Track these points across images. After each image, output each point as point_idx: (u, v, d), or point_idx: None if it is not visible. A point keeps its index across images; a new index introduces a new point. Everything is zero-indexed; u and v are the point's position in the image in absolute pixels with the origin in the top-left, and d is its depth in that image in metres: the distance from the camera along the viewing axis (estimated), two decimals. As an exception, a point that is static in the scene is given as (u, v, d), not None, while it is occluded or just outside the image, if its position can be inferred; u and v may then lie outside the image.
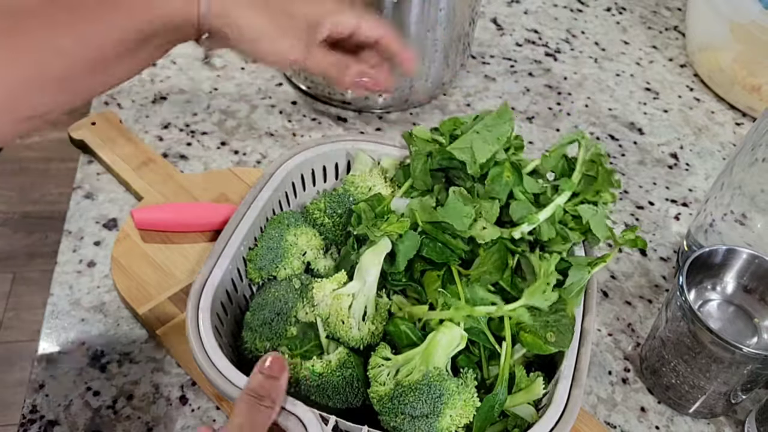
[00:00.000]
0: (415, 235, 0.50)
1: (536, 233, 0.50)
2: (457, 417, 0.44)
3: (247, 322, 0.52)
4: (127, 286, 0.60)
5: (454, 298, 0.47)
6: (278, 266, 0.54)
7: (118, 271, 0.61)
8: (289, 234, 0.55)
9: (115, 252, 0.63)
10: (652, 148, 0.84)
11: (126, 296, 0.59)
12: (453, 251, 0.50)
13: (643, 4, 1.10)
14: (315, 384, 0.47)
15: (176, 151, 0.75)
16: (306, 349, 0.50)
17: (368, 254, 0.49)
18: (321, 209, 0.57)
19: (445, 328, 0.46)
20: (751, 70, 0.86)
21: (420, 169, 0.54)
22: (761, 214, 0.59)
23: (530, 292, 0.47)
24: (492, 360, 0.48)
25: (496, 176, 0.51)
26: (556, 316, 0.47)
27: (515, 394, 0.47)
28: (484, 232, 0.49)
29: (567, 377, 0.46)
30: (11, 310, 1.60)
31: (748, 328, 0.56)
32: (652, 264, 0.70)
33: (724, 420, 0.58)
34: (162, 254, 0.63)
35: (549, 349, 0.47)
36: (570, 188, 0.51)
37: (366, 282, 0.49)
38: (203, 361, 0.45)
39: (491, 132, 0.52)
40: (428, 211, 0.50)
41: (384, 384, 0.46)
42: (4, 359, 1.50)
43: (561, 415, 0.44)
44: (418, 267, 0.51)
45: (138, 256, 0.63)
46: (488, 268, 0.49)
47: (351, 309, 0.49)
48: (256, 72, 0.86)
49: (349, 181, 0.58)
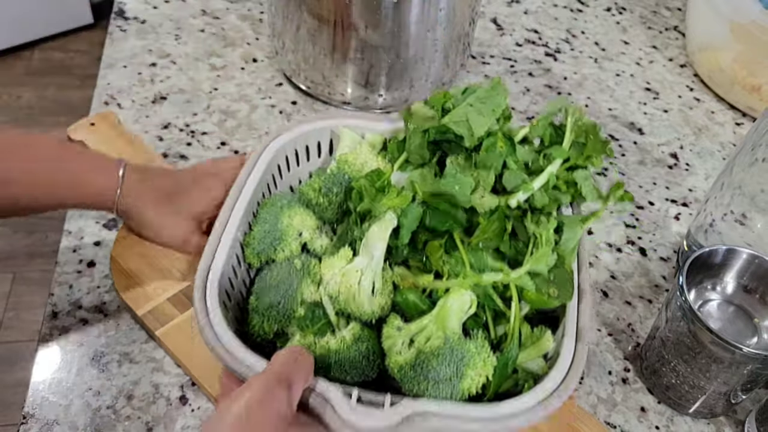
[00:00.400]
0: (418, 208, 0.51)
1: (530, 200, 0.52)
2: (476, 377, 0.46)
3: (252, 306, 0.52)
4: (126, 286, 0.60)
5: (459, 266, 0.49)
6: (276, 248, 0.54)
7: (118, 271, 0.61)
8: (284, 216, 0.55)
9: (114, 252, 0.62)
10: (652, 148, 0.84)
11: (125, 297, 0.59)
12: (455, 219, 0.51)
13: (643, 4, 1.10)
14: (332, 360, 0.48)
15: (176, 151, 0.75)
16: (317, 327, 0.51)
17: (374, 229, 0.50)
18: (316, 189, 0.57)
19: (454, 293, 0.48)
20: (751, 70, 0.86)
21: (417, 144, 0.55)
22: (761, 214, 0.59)
23: (535, 258, 0.49)
24: (497, 320, 0.50)
25: (490, 146, 0.53)
26: (555, 272, 0.49)
27: (526, 349, 0.48)
28: (483, 200, 0.51)
29: (571, 333, 0.47)
30: (11, 310, 1.60)
31: (748, 328, 0.56)
32: (652, 264, 0.70)
33: (724, 420, 0.58)
34: (161, 254, 0.62)
35: (553, 303, 0.49)
36: (562, 156, 0.53)
37: (374, 257, 0.50)
38: (221, 350, 0.45)
39: (485, 104, 0.54)
40: (429, 181, 0.51)
41: (401, 353, 0.47)
42: (4, 359, 1.50)
43: (569, 369, 0.45)
44: (421, 237, 0.52)
45: (137, 256, 0.62)
46: (489, 235, 0.50)
47: (360, 284, 0.50)
48: (256, 72, 0.86)
49: (342, 160, 0.58)
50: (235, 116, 0.80)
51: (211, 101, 0.82)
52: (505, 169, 0.53)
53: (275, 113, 0.81)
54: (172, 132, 0.77)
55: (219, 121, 0.79)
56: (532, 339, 0.49)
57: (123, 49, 0.87)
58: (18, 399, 1.42)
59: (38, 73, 2.19)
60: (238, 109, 0.81)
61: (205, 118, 0.79)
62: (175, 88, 0.83)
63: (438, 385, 0.46)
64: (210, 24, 0.93)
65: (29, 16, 2.18)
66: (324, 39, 0.75)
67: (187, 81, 0.84)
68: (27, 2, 2.13)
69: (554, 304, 0.49)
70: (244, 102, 0.82)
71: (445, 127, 0.54)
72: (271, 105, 0.82)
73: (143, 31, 0.90)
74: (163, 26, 0.91)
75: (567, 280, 0.49)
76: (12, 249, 1.70)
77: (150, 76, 0.84)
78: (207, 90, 0.83)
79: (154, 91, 0.82)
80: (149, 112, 0.79)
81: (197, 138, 0.77)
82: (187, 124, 0.78)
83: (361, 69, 0.77)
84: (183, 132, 0.77)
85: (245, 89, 0.84)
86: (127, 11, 0.93)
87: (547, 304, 0.49)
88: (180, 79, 0.84)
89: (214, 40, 0.90)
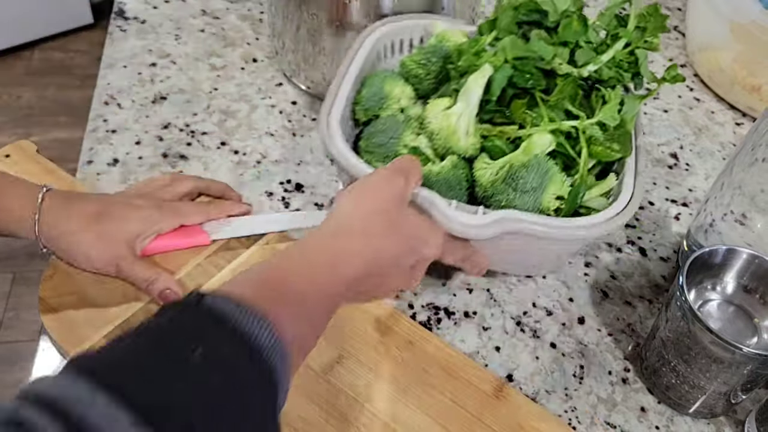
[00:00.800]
0: (508, 68, 0.61)
1: (598, 73, 0.63)
2: (555, 192, 0.56)
3: (362, 147, 0.63)
4: (57, 327, 0.56)
5: (538, 119, 0.60)
6: (381, 106, 0.66)
7: (47, 311, 0.57)
8: (387, 84, 0.66)
9: (42, 292, 0.58)
10: (652, 148, 0.84)
11: (57, 338, 0.55)
12: (537, 79, 0.61)
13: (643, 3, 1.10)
14: (433, 181, 0.58)
15: (176, 151, 0.75)
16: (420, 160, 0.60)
17: (472, 78, 0.60)
18: (416, 61, 0.68)
19: (537, 133, 0.58)
20: (751, 70, 0.86)
21: (508, 21, 0.65)
22: (761, 214, 0.59)
23: (604, 110, 0.60)
24: (567, 171, 0.60)
25: (567, 26, 0.64)
26: (618, 132, 0.60)
27: (593, 187, 0.59)
28: (561, 66, 0.61)
29: (630, 172, 0.59)
30: (11, 310, 1.60)
31: (748, 328, 0.56)
32: (652, 264, 0.70)
33: (724, 420, 0.58)
34: (94, 290, 0.58)
35: (614, 156, 0.59)
36: (627, 36, 0.64)
37: (470, 102, 0.60)
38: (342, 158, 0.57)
39: None
40: (517, 46, 0.61)
41: (495, 173, 0.58)
42: (4, 359, 1.50)
43: (630, 198, 0.56)
44: (508, 92, 0.62)
45: (68, 294, 0.58)
46: (564, 95, 0.61)
47: (457, 124, 0.60)
48: (256, 72, 0.86)
49: (440, 35, 0.69)
50: (235, 116, 0.80)
51: (211, 101, 0.82)
52: (577, 47, 0.64)
53: (275, 113, 0.81)
54: (172, 132, 0.77)
55: (219, 121, 0.79)
56: (596, 183, 0.60)
57: (123, 49, 0.87)
58: (18, 399, 1.42)
59: (38, 73, 2.19)
60: (238, 109, 0.81)
61: (205, 118, 0.79)
62: (175, 88, 0.83)
63: (523, 196, 0.56)
64: (210, 24, 0.93)
65: (29, 16, 2.18)
66: (324, 39, 0.76)
67: (187, 81, 0.84)
68: (27, 2, 2.13)
69: (615, 157, 0.60)
70: (244, 102, 0.82)
71: (534, 3, 0.64)
72: (271, 105, 0.82)
73: (143, 31, 0.90)
74: (163, 26, 0.91)
75: (627, 139, 0.60)
76: (12, 249, 1.70)
77: (150, 76, 0.84)
78: (207, 90, 0.83)
79: (154, 91, 0.82)
80: (149, 112, 0.79)
81: (197, 138, 0.77)
82: (187, 124, 0.78)
83: (361, 69, 0.78)
84: (183, 132, 0.77)
85: (245, 89, 0.84)
86: (127, 11, 0.93)
87: (610, 157, 0.60)
88: (180, 79, 0.84)
89: (214, 40, 0.90)
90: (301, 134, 0.79)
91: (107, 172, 0.72)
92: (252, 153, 0.76)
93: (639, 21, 0.65)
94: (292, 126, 0.80)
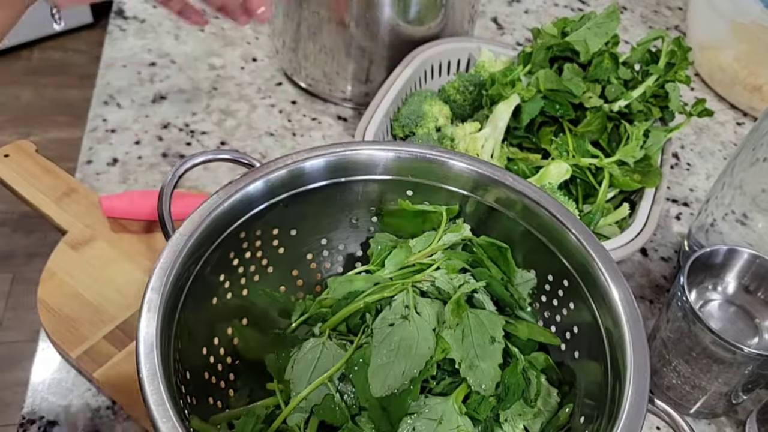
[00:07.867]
0: (539, 100, 0.64)
1: (629, 107, 0.66)
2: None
3: None
4: (56, 327, 0.56)
5: (563, 147, 0.64)
6: (418, 124, 0.70)
7: (47, 312, 0.56)
8: (426, 104, 0.70)
9: (41, 293, 0.57)
10: (653, 148, 0.84)
11: (56, 339, 0.55)
12: (566, 108, 0.65)
13: (644, 3, 1.10)
14: None
15: (176, 151, 0.75)
16: None
17: (501, 106, 0.65)
18: (455, 87, 0.73)
19: (555, 162, 0.62)
20: (752, 69, 0.86)
21: (542, 57, 0.68)
22: (762, 214, 0.59)
23: (624, 150, 0.63)
24: (586, 199, 0.64)
25: (599, 63, 0.67)
26: (641, 164, 0.64)
27: (606, 216, 0.63)
28: (591, 100, 0.65)
29: (648, 198, 0.62)
30: (11, 310, 1.60)
31: (749, 328, 0.56)
32: (653, 264, 0.70)
33: (725, 420, 0.58)
34: (94, 290, 0.58)
35: (635, 186, 0.63)
36: (658, 72, 0.67)
37: (497, 127, 0.65)
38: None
39: (600, 28, 0.68)
40: (551, 79, 0.65)
41: None
42: (4, 359, 1.50)
43: (644, 225, 0.59)
44: (537, 120, 0.65)
45: (67, 295, 0.58)
46: (592, 128, 0.64)
47: (483, 147, 0.64)
48: (256, 71, 0.86)
49: (479, 65, 0.74)
50: (234, 116, 0.80)
51: (210, 101, 0.81)
52: (608, 83, 0.67)
53: (275, 113, 0.81)
54: (171, 132, 0.77)
55: (219, 120, 0.79)
56: (610, 211, 0.64)
57: (122, 49, 0.87)
58: (18, 399, 1.42)
59: (37, 72, 2.19)
60: (238, 109, 0.81)
61: (205, 117, 0.79)
62: (174, 87, 0.83)
63: None
64: (210, 23, 0.93)
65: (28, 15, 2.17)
66: (324, 36, 0.75)
67: (186, 80, 0.84)
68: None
69: (636, 187, 0.63)
70: (244, 102, 0.82)
71: (567, 44, 0.67)
72: (270, 104, 0.82)
73: (143, 30, 0.90)
74: (162, 26, 0.91)
75: (650, 171, 0.64)
76: (11, 249, 1.70)
77: (149, 76, 0.83)
78: (206, 89, 0.83)
79: (153, 90, 0.82)
80: (149, 111, 0.79)
81: (197, 138, 0.77)
82: (187, 124, 0.78)
83: (362, 65, 0.77)
84: (182, 132, 0.77)
85: (245, 89, 0.84)
86: (127, 11, 0.93)
87: (630, 186, 0.64)
88: (179, 78, 0.84)
89: (214, 39, 0.90)
90: (301, 134, 0.79)
91: (107, 171, 0.72)
92: (252, 153, 0.76)
93: (669, 58, 0.68)
94: (292, 126, 0.80)
